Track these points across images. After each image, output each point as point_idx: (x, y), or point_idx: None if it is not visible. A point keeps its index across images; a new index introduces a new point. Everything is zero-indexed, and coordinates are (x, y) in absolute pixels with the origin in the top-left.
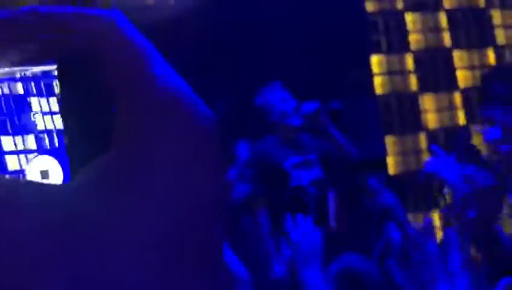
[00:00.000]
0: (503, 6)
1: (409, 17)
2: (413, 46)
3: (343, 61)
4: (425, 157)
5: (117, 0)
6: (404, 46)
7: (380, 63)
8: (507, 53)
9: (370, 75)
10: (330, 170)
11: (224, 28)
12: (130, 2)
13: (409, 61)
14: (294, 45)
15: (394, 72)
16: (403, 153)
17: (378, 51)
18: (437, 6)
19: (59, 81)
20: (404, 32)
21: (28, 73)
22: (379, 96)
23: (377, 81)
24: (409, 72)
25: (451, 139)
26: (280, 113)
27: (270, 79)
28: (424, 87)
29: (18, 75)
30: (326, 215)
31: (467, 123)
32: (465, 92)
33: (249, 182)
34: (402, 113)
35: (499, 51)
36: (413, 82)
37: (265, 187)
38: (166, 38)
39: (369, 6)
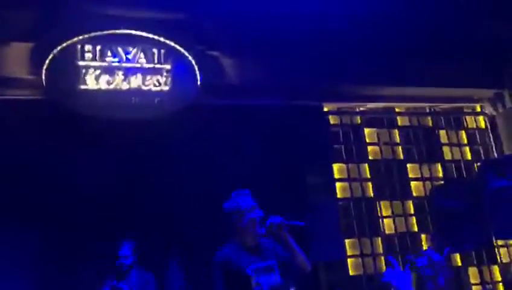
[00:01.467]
0: (448, 126)
1: (367, 131)
2: (370, 156)
3: (308, 169)
4: (382, 261)
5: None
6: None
7: (340, 170)
8: (452, 168)
9: (332, 181)
10: (288, 276)
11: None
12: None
13: (366, 170)
14: (264, 154)
15: (353, 179)
16: (361, 255)
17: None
18: (392, 123)
19: None
20: (363, 144)
21: None
22: (339, 200)
23: (338, 186)
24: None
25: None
26: (249, 221)
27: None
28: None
29: None
30: None
31: (418, 230)
32: (417, 201)
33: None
34: (360, 217)
35: (446, 165)
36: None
37: None
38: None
39: (332, 120)
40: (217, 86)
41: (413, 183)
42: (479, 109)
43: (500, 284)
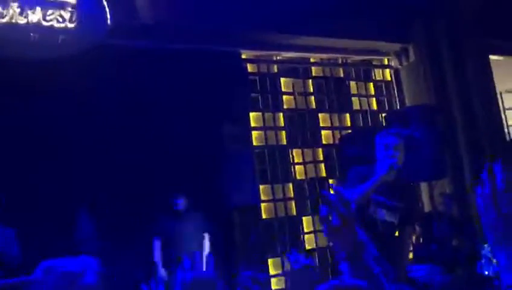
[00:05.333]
0: (357, 78)
1: (283, 81)
2: (285, 105)
3: (226, 116)
4: (293, 205)
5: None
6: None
7: (256, 119)
8: (360, 118)
9: (248, 130)
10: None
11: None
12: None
13: (281, 119)
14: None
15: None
16: (273, 200)
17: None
18: (306, 73)
19: None
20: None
21: None
22: (254, 148)
23: (254, 134)
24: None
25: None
26: None
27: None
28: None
29: None
30: None
31: (327, 176)
32: (326, 148)
33: None
34: (274, 164)
35: (354, 115)
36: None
37: None
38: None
39: (250, 68)
40: (129, 26)
41: (323, 132)
42: (386, 62)
43: None
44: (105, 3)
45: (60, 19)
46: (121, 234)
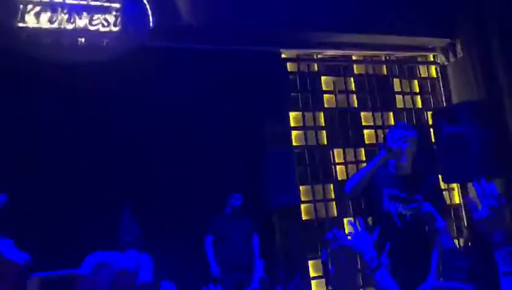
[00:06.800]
0: (401, 75)
1: (324, 79)
2: (326, 104)
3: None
4: (333, 206)
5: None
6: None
7: (296, 119)
8: (404, 116)
9: (288, 129)
10: None
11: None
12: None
13: (322, 118)
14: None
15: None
16: (313, 201)
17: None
18: (348, 71)
19: None
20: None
21: None
22: (294, 148)
23: (293, 134)
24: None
25: None
26: None
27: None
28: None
29: None
30: None
31: None
32: (369, 148)
33: None
34: (314, 165)
35: (398, 113)
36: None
37: None
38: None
39: (290, 67)
40: (170, 27)
41: (365, 131)
42: (431, 58)
43: None
44: (147, 5)
45: (105, 23)
46: (167, 234)
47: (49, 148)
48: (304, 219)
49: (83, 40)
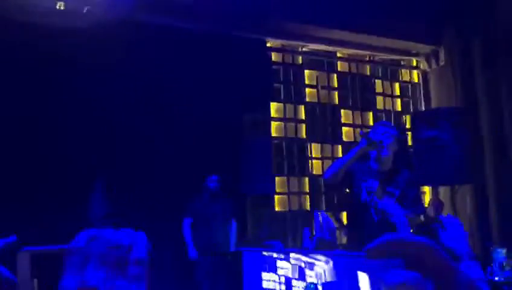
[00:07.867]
0: (384, 77)
1: (307, 73)
2: (308, 98)
3: (246, 104)
4: (307, 199)
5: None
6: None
7: (277, 110)
8: (383, 117)
9: (268, 119)
10: None
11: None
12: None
13: (302, 111)
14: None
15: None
16: (288, 193)
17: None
18: (332, 67)
19: None
20: (301, 85)
21: None
22: (273, 138)
23: (273, 125)
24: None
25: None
26: None
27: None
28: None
29: None
30: None
31: None
32: (346, 145)
33: None
34: (291, 157)
35: (377, 114)
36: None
37: None
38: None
39: (274, 57)
40: (155, 3)
41: (344, 129)
42: (414, 64)
43: None
44: None
45: None
46: (145, 215)
47: (22, 118)
48: (276, 209)
49: (62, 4)
